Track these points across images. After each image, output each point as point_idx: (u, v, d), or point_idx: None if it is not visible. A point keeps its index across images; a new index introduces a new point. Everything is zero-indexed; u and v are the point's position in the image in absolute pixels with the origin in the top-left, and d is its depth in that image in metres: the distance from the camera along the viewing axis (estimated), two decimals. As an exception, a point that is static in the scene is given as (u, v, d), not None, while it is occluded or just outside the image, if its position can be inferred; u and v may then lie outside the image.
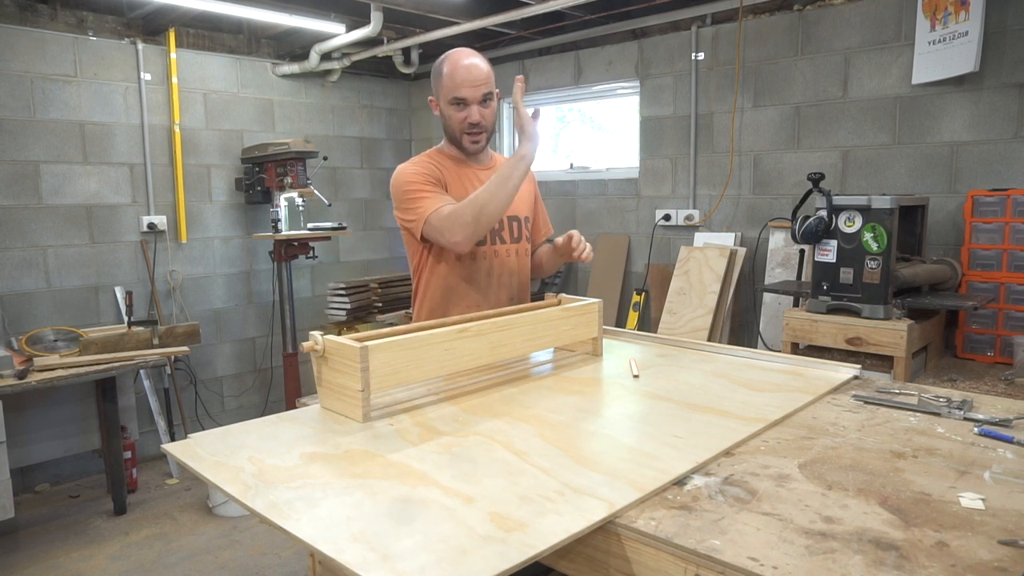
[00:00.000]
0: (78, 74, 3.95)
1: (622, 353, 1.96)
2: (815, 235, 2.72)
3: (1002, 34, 3.02)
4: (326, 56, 4.70)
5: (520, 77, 1.89)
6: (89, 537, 3.39)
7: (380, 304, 4.77)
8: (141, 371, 4.15)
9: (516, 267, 2.09)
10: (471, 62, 1.92)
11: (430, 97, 2.02)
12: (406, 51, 4.93)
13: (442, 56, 1.96)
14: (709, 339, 3.67)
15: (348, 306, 4.62)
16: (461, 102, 1.92)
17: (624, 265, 4.42)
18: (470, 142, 1.97)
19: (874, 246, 2.62)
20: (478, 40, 4.55)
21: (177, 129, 4.31)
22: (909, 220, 2.98)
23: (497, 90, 2.00)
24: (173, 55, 4.24)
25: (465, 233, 1.81)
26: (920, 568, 0.86)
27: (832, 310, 2.76)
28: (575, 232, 1.96)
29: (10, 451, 3.10)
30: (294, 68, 4.74)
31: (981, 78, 3.08)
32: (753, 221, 3.88)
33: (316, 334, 1.44)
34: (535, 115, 1.87)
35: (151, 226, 4.24)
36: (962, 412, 1.42)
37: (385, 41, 4.55)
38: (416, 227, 1.90)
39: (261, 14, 3.87)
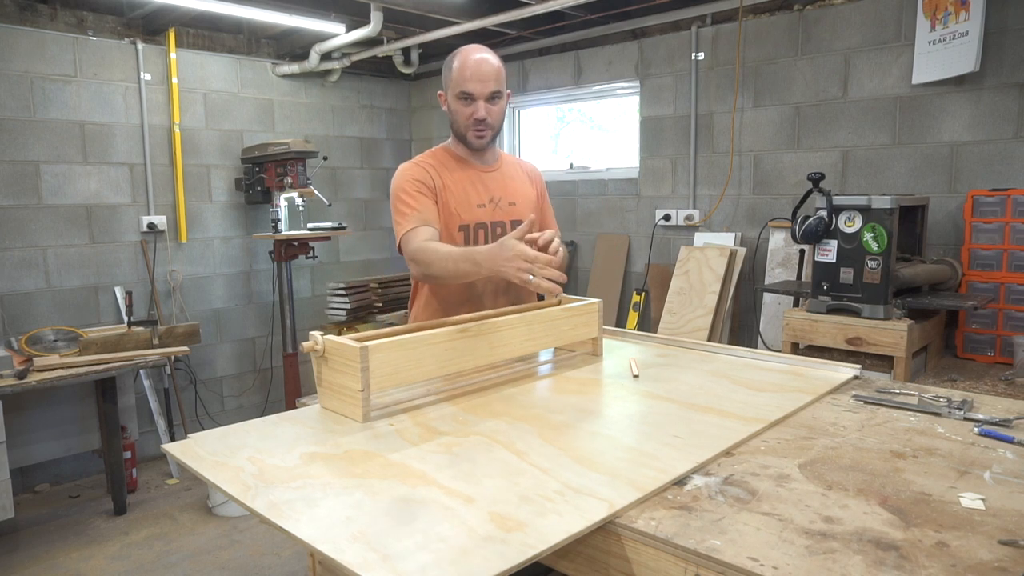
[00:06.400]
0: (78, 74, 3.95)
1: (622, 353, 1.96)
2: (815, 235, 2.72)
3: (1002, 34, 3.02)
4: (326, 56, 4.70)
5: (532, 217, 1.67)
6: (89, 537, 3.39)
7: (380, 304, 4.77)
8: (141, 371, 4.14)
9: None
10: (481, 57, 1.92)
11: (439, 92, 2.02)
12: (406, 51, 4.94)
13: (454, 51, 1.96)
14: (709, 339, 3.67)
15: (348, 306, 4.62)
16: (468, 97, 1.91)
17: (624, 265, 4.42)
18: (475, 136, 1.96)
19: (874, 246, 2.62)
20: (478, 40, 4.52)
21: (177, 129, 4.31)
22: (909, 220, 2.98)
23: (508, 90, 2.00)
24: (173, 55, 4.24)
25: (416, 272, 1.90)
26: (920, 568, 0.86)
27: (832, 310, 2.76)
28: (556, 237, 1.73)
29: (10, 451, 3.10)
30: (294, 68, 4.74)
31: (981, 78, 3.08)
32: (753, 221, 3.88)
33: (316, 334, 1.44)
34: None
35: (151, 226, 4.24)
36: (962, 412, 1.42)
37: (385, 41, 4.55)
38: (397, 239, 1.94)
39: (261, 14, 3.87)
